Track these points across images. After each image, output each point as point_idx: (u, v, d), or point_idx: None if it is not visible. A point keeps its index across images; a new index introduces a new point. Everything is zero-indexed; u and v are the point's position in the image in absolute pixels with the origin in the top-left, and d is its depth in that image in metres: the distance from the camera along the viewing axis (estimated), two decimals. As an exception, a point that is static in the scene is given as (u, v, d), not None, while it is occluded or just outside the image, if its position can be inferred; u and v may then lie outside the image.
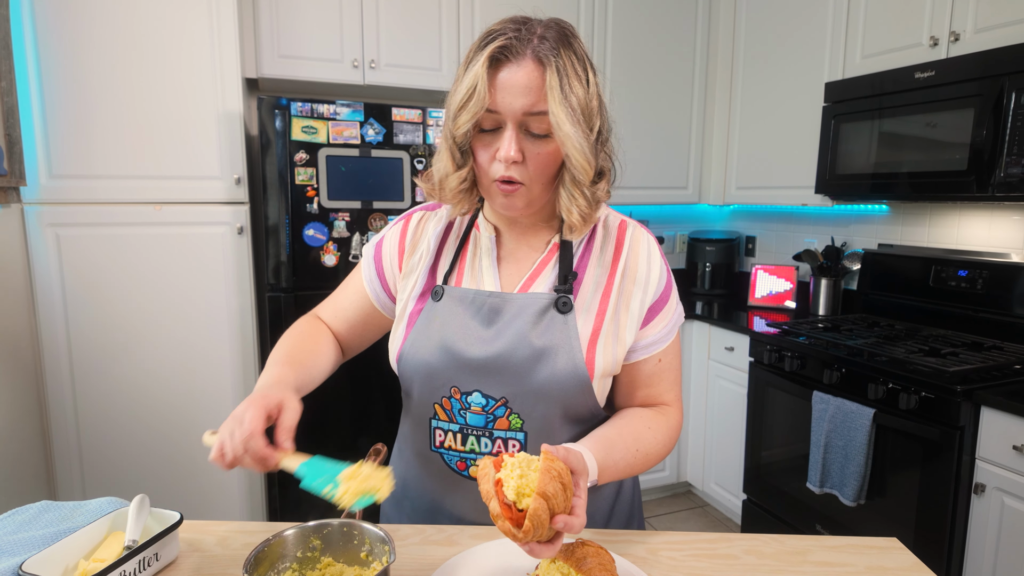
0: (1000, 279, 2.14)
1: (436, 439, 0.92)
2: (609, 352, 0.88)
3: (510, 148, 0.79)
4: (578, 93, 0.78)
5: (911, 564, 0.85)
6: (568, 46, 0.80)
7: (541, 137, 0.80)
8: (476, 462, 0.90)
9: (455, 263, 0.94)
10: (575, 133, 0.78)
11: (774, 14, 2.77)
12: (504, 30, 0.79)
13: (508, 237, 0.95)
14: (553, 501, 0.65)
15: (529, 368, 0.85)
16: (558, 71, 0.77)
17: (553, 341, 0.86)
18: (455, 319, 0.89)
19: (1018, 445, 1.62)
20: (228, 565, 0.83)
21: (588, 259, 0.92)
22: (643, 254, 0.93)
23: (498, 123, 0.80)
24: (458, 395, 0.88)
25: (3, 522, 0.89)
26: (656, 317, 0.93)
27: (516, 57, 0.78)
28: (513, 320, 0.87)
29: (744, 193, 3.01)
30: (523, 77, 0.77)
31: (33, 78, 1.92)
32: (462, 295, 0.91)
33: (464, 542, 0.88)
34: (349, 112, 2.18)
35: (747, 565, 0.84)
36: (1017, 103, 1.80)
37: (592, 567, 0.70)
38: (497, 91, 0.78)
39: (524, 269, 0.93)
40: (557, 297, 0.87)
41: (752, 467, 2.52)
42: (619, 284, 0.91)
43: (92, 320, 2.07)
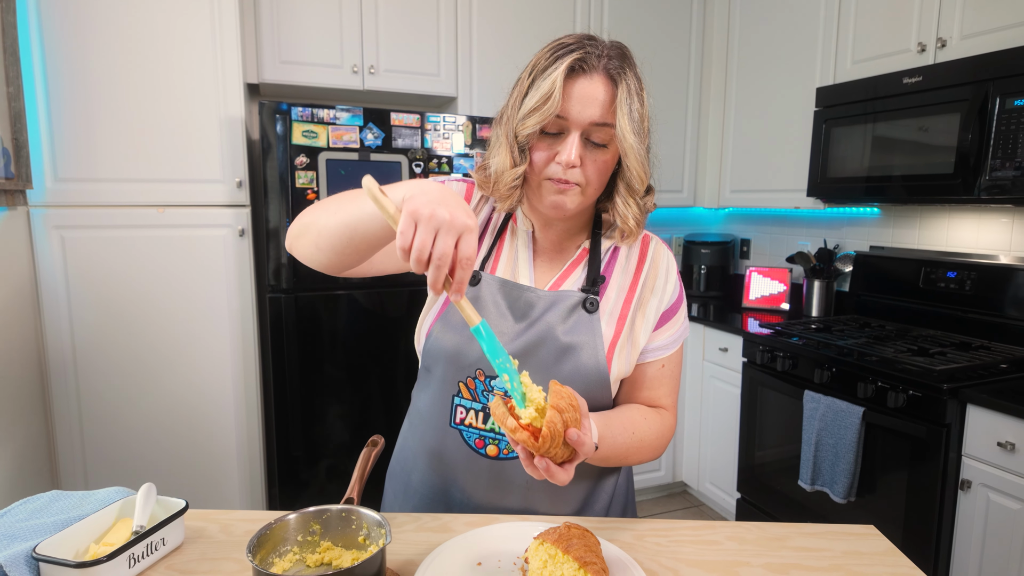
0: (988, 280, 2.18)
1: (457, 416, 0.95)
2: (625, 356, 0.95)
3: (572, 153, 0.85)
4: (639, 110, 0.86)
5: (886, 549, 0.88)
6: (632, 66, 0.88)
7: (599, 146, 0.87)
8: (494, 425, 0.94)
9: (492, 250, 0.99)
10: (637, 145, 0.86)
11: (767, 20, 2.82)
12: (579, 44, 0.86)
13: (543, 236, 1.00)
14: (566, 415, 0.71)
15: (555, 361, 0.91)
16: (627, 88, 0.85)
17: (579, 339, 0.92)
18: (490, 306, 0.94)
19: (1002, 442, 1.65)
20: (232, 550, 0.86)
21: (614, 266, 0.99)
22: (662, 267, 1.01)
23: (561, 128, 0.87)
24: (483, 377, 0.93)
25: (15, 510, 0.92)
26: (666, 324, 1.00)
27: (591, 71, 0.85)
28: (544, 314, 0.93)
29: (738, 196, 3.05)
30: (596, 90, 0.84)
31: (39, 83, 1.96)
32: (500, 284, 0.95)
33: (459, 529, 0.91)
34: (349, 117, 2.22)
35: (729, 550, 0.87)
36: (1001, 108, 1.85)
37: (578, 548, 0.73)
38: (569, 100, 0.85)
39: (556, 268, 0.99)
40: (585, 297, 0.94)
41: (745, 466, 2.56)
42: (639, 293, 0.98)
43: (96, 320, 2.10)
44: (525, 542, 0.84)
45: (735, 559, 0.85)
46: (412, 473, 1.04)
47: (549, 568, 0.73)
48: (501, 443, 0.94)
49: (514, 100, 0.89)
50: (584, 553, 0.73)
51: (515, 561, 0.81)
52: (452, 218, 0.67)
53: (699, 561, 0.84)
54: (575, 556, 0.72)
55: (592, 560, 0.73)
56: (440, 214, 0.67)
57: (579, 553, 0.72)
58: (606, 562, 0.76)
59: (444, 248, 0.67)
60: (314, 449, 2.34)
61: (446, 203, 0.68)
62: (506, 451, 0.94)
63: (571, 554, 0.72)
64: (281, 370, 2.26)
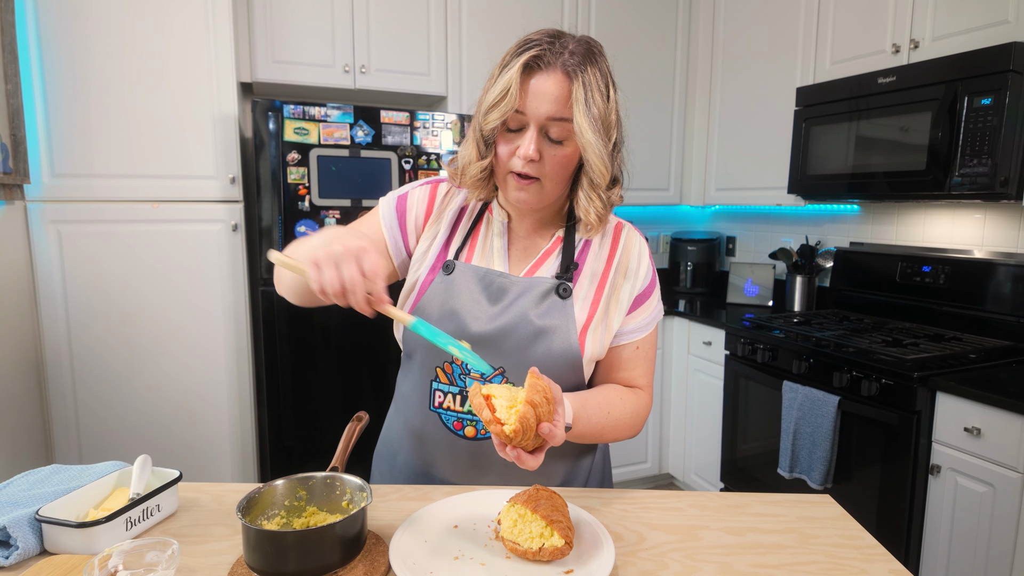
0: (961, 275, 2.24)
1: (435, 399, 1.00)
2: (598, 339, 0.99)
3: (529, 147, 0.89)
4: (599, 105, 0.88)
5: (838, 515, 0.94)
6: (594, 63, 0.90)
7: (558, 142, 0.90)
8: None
9: (467, 240, 1.03)
10: (595, 140, 0.88)
11: (751, 21, 2.89)
12: (540, 41, 0.89)
13: (518, 226, 1.04)
14: (539, 410, 0.76)
15: (528, 344, 0.95)
16: (584, 85, 0.87)
17: (552, 323, 0.96)
18: (464, 293, 0.98)
19: (969, 427, 1.71)
20: (223, 517, 0.92)
21: (587, 253, 1.03)
22: (635, 252, 1.05)
23: (522, 124, 0.90)
24: (459, 361, 0.97)
25: (17, 481, 0.97)
26: (640, 307, 1.04)
27: (547, 67, 0.88)
28: (517, 299, 0.97)
29: (723, 194, 3.12)
30: (552, 86, 0.87)
31: (37, 81, 2.01)
32: (474, 271, 0.99)
33: (438, 498, 0.97)
34: (340, 114, 2.28)
35: (691, 515, 0.93)
36: (970, 107, 1.91)
37: (546, 508, 0.79)
38: (527, 96, 0.88)
39: (531, 256, 1.03)
40: (559, 283, 0.97)
41: (728, 456, 2.62)
42: (612, 278, 1.02)
43: (92, 313, 2.15)
44: (499, 507, 0.90)
45: (696, 523, 0.91)
46: (397, 455, 1.09)
47: (519, 527, 0.78)
48: (478, 424, 0.99)
49: (483, 93, 0.93)
50: (551, 512, 0.78)
51: (489, 524, 0.87)
52: (345, 248, 0.75)
53: (662, 525, 0.90)
54: (543, 515, 0.78)
55: (559, 519, 0.78)
56: (334, 249, 0.74)
57: (546, 512, 0.78)
58: (572, 522, 0.82)
59: (350, 275, 0.74)
60: (306, 439, 2.39)
61: (337, 239, 0.76)
62: (483, 432, 0.99)
63: (539, 513, 0.78)
64: (273, 362, 2.31)
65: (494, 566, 0.77)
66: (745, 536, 0.88)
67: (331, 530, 0.74)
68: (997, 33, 1.92)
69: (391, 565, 0.76)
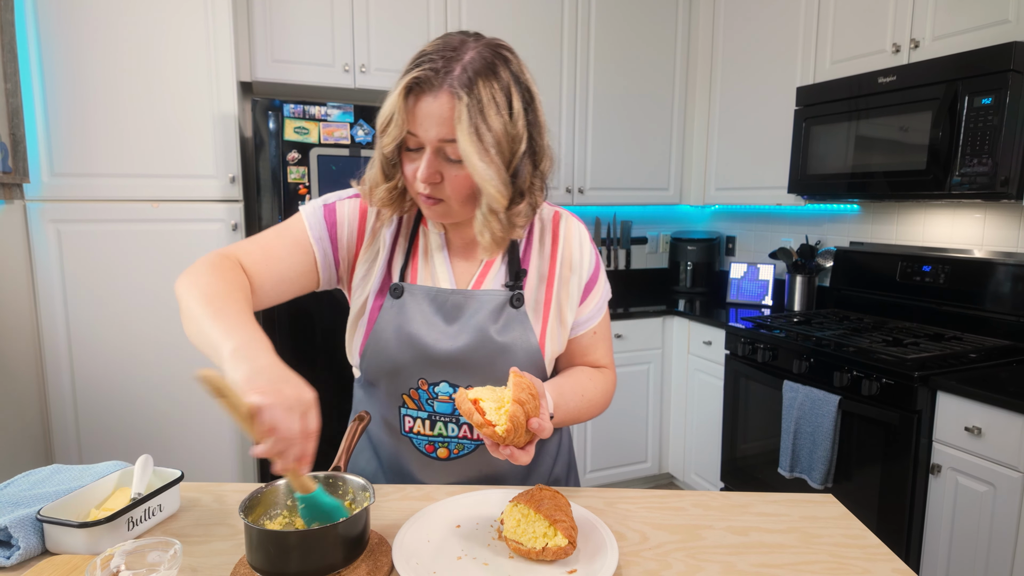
0: (961, 274, 2.24)
1: (405, 425, 1.00)
2: (556, 338, 1.01)
3: (424, 171, 0.85)
4: (493, 125, 0.82)
5: (840, 514, 0.94)
6: (492, 75, 0.83)
7: (456, 161, 0.85)
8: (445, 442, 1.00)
9: (408, 260, 0.99)
10: (483, 166, 0.82)
11: (750, 21, 2.88)
12: (432, 55, 0.83)
13: (455, 236, 1.01)
14: (527, 407, 0.77)
15: (492, 361, 0.95)
16: (468, 107, 0.80)
17: (512, 337, 0.96)
18: (418, 316, 0.95)
19: (970, 427, 1.72)
20: (224, 517, 0.91)
21: (530, 253, 1.02)
22: (575, 242, 1.03)
23: (420, 144, 0.86)
24: (425, 386, 0.97)
25: (18, 481, 0.97)
26: (589, 295, 1.05)
27: (432, 89, 0.82)
28: (474, 316, 0.96)
29: (723, 194, 3.12)
30: (437, 109, 0.82)
31: (36, 80, 2.01)
32: (424, 292, 0.97)
33: (440, 498, 0.96)
34: (340, 114, 2.27)
35: (693, 515, 0.93)
36: (970, 106, 1.91)
37: (549, 508, 0.79)
38: (416, 119, 0.84)
39: (474, 267, 1.00)
40: (511, 294, 0.97)
41: (729, 456, 2.62)
42: (559, 272, 1.02)
43: (91, 312, 2.14)
44: (501, 506, 0.89)
45: (699, 523, 0.91)
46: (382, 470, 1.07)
47: (522, 526, 0.78)
48: (450, 445, 0.99)
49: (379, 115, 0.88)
50: (554, 511, 0.78)
51: (492, 523, 0.86)
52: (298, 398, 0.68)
53: (665, 525, 0.90)
54: (545, 514, 0.77)
55: (562, 519, 0.78)
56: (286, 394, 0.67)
57: (549, 512, 0.78)
58: (575, 521, 0.82)
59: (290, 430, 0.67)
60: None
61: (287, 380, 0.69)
62: (456, 451, 0.99)
63: (542, 512, 0.78)
64: (273, 362, 2.31)
65: (497, 566, 0.77)
66: (748, 536, 0.87)
67: (334, 530, 0.74)
68: (997, 33, 1.92)
69: (394, 565, 0.76)
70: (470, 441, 0.99)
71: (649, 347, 2.95)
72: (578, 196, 3.08)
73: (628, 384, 2.93)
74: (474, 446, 1.00)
